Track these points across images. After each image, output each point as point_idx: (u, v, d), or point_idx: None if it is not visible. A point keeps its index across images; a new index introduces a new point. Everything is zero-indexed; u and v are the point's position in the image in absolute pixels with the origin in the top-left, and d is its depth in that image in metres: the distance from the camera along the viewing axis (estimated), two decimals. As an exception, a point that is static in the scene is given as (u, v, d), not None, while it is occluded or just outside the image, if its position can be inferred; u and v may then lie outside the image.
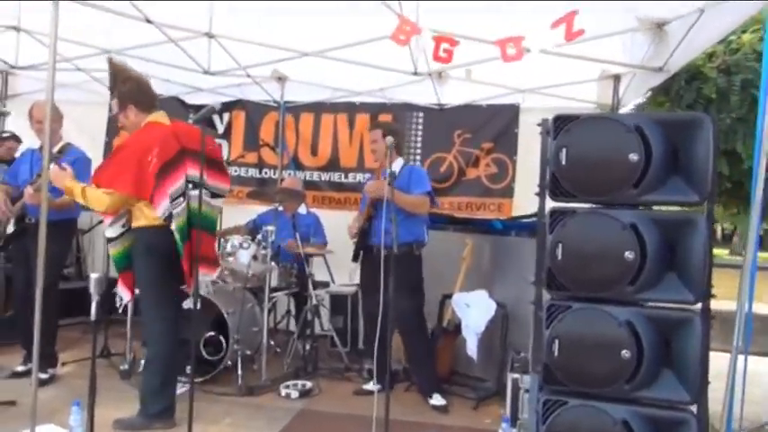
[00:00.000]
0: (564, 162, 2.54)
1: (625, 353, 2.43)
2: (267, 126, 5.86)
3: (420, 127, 5.58)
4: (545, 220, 2.61)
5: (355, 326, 5.10)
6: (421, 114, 5.58)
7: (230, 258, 4.12)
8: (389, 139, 3.33)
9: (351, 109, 5.69)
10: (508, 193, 5.39)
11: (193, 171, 3.07)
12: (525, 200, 5.26)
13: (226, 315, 3.85)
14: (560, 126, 2.57)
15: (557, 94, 5.27)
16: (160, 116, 3.27)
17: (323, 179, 5.79)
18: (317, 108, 5.77)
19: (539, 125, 2.98)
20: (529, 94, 5.35)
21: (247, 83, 5.62)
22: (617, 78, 5.08)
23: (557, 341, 2.53)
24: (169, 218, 3.04)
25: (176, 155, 3.11)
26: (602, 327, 2.48)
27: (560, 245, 2.53)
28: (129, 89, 3.21)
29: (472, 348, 3.92)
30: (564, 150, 2.54)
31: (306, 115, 5.82)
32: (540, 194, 2.79)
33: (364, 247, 3.99)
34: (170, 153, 3.10)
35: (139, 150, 3.05)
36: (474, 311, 3.97)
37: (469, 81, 5.35)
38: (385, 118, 5.61)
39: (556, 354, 2.53)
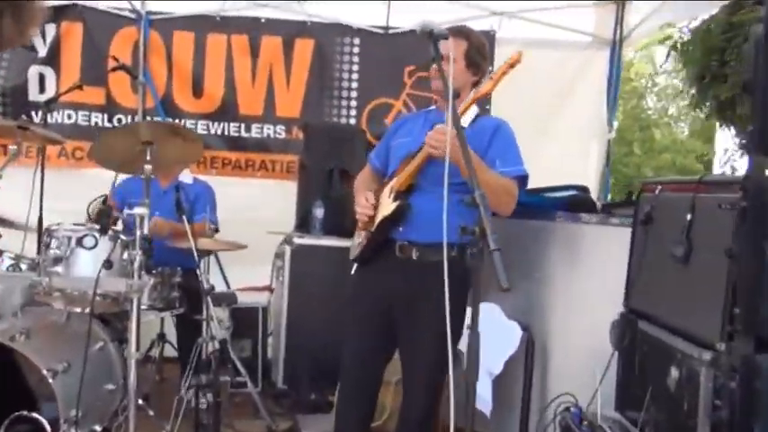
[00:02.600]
0: None
1: None
2: (119, 47, 3.92)
3: (356, 59, 4.02)
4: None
5: (267, 351, 3.52)
6: (356, 41, 4.01)
7: (57, 268, 2.30)
8: None
9: (253, 27, 3.95)
10: (479, 154, 4.03)
11: None
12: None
13: (51, 379, 2.08)
14: None
15: (542, 20, 3.99)
16: None
17: (212, 132, 4.02)
18: (200, 24, 3.96)
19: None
20: (507, 19, 4.00)
21: (86, -23, 3.69)
22: (620, 5, 3.92)
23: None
24: None
25: None
26: None
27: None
28: None
29: (485, 397, 2.55)
30: None
31: (182, 35, 3.97)
32: (754, 148, 1.41)
33: (384, 241, 2.35)
34: None
35: None
36: (487, 340, 2.57)
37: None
38: (305, 44, 3.96)
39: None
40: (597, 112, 4.06)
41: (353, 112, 4.01)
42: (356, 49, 4.00)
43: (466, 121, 2.38)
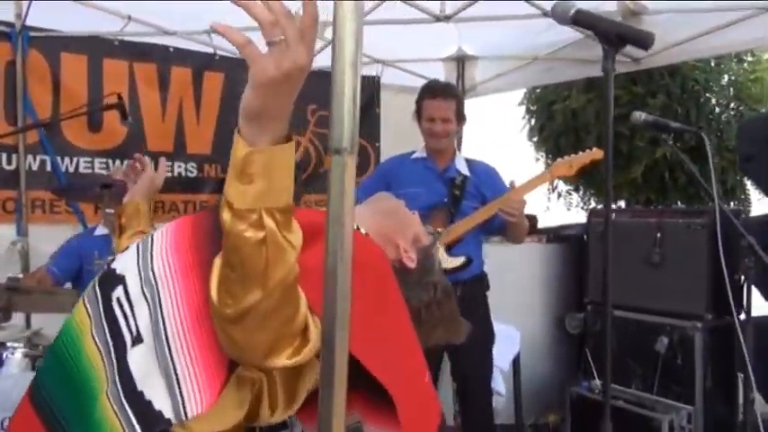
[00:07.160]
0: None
1: None
2: (-13, 68, 3.20)
3: (263, 96, 4.09)
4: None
5: None
6: (263, 78, 4.10)
7: None
8: None
9: (161, 57, 3.68)
10: (371, 188, 4.58)
11: None
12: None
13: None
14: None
15: (410, 70, 4.78)
16: None
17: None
18: (95, 47, 3.50)
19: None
20: (387, 67, 4.65)
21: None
22: (460, 62, 4.98)
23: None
24: None
25: None
26: None
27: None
28: None
29: (500, 390, 3.23)
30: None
31: (72, 58, 3.44)
32: None
33: None
34: None
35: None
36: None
37: (321, 40, 4.27)
38: (214, 77, 3.89)
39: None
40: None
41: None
42: (263, 86, 4.09)
43: (462, 166, 2.97)
